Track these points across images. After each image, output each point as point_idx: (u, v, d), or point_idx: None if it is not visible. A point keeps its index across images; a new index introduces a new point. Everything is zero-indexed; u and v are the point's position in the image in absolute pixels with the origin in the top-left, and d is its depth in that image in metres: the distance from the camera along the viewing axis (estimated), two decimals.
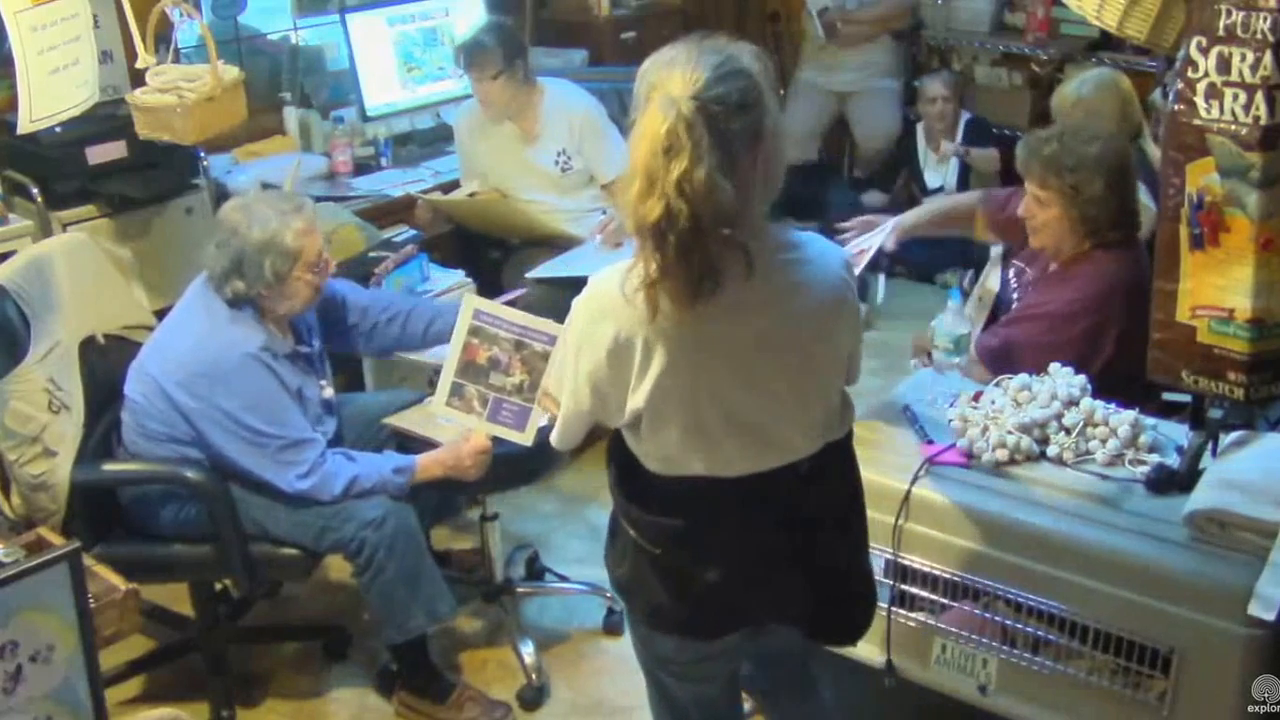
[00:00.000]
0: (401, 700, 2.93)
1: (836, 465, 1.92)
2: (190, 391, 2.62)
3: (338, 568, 3.12)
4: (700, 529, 1.86)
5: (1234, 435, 2.32)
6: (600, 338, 1.76)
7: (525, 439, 2.25)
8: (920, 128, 5.15)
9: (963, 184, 4.95)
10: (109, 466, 2.76)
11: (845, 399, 1.93)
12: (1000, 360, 2.66)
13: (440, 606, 2.78)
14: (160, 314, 3.05)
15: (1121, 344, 2.60)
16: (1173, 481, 2.27)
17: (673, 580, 1.88)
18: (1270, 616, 2.00)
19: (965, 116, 5.06)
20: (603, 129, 3.88)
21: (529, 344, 2.61)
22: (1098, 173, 2.64)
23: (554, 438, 1.95)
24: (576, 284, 1.87)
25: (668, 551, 1.86)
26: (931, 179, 5.15)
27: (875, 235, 2.96)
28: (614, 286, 1.73)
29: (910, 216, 3.12)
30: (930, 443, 2.43)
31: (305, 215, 2.69)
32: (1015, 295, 2.92)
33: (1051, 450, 2.38)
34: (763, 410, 1.80)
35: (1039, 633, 2.27)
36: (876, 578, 2.16)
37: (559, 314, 2.08)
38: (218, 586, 3.03)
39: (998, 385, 2.52)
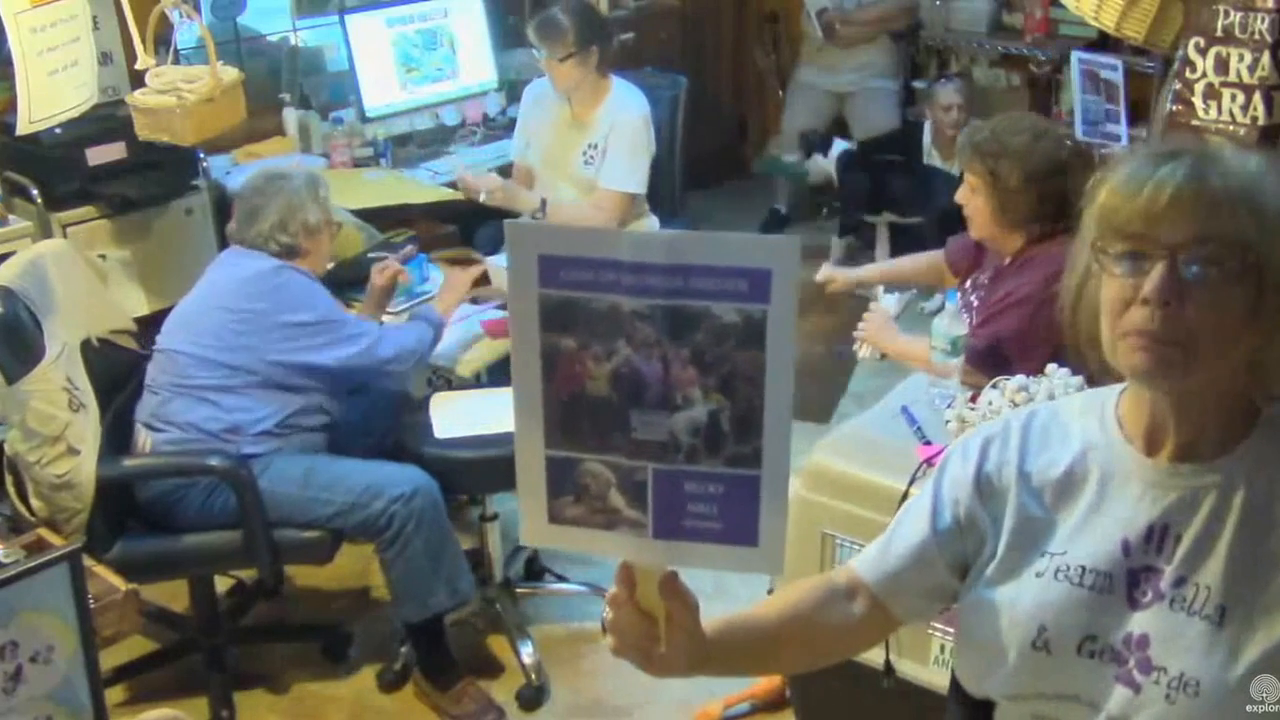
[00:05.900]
0: (416, 681, 2.98)
1: None
2: (252, 303, 2.80)
3: (338, 567, 3.12)
4: None
5: None
6: None
7: (765, 562, 1.06)
8: (928, 126, 5.16)
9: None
10: (130, 462, 2.76)
11: None
12: (989, 360, 2.63)
13: (462, 584, 2.82)
14: (146, 320, 3.08)
15: None
16: None
17: None
18: None
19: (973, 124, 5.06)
20: (633, 141, 3.66)
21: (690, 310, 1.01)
22: (1017, 163, 2.60)
23: None
24: None
25: None
26: None
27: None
28: None
29: (869, 273, 3.21)
30: (928, 444, 2.43)
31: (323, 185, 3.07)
32: (975, 301, 2.87)
33: None
34: None
35: None
36: None
37: None
38: (220, 588, 3.03)
39: (995, 387, 2.51)
